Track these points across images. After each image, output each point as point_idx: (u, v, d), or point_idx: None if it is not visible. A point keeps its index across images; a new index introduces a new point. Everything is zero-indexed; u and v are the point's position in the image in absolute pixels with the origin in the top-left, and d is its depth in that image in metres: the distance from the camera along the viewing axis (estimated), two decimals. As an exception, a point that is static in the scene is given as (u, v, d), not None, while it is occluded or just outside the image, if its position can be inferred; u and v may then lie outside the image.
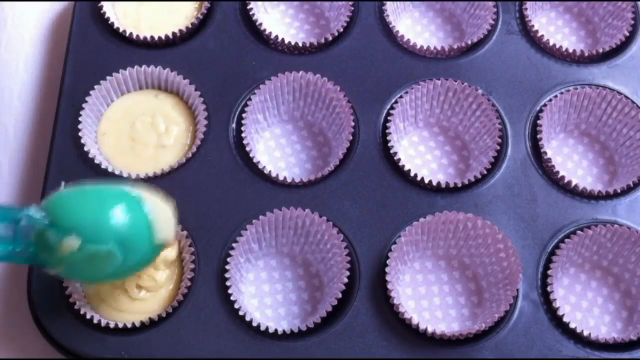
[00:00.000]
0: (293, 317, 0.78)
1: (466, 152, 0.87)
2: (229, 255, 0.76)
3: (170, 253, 0.77)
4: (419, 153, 0.87)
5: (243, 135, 0.82)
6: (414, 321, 0.74)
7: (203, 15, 0.90)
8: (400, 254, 0.78)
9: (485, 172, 0.82)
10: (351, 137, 0.82)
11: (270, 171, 0.81)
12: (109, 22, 0.88)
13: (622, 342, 0.75)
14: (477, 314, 0.79)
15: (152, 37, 0.87)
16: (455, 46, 0.89)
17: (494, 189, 0.82)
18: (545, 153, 0.83)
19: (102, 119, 0.85)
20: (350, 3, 0.91)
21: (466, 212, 0.78)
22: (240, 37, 0.89)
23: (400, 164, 0.82)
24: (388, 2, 0.91)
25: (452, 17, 0.96)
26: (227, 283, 0.75)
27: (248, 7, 0.90)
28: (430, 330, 0.74)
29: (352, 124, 0.83)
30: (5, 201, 0.85)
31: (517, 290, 0.75)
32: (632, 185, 0.82)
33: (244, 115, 0.83)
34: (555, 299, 0.76)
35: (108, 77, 0.84)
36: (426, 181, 0.81)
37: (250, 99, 0.83)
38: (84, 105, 0.83)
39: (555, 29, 0.96)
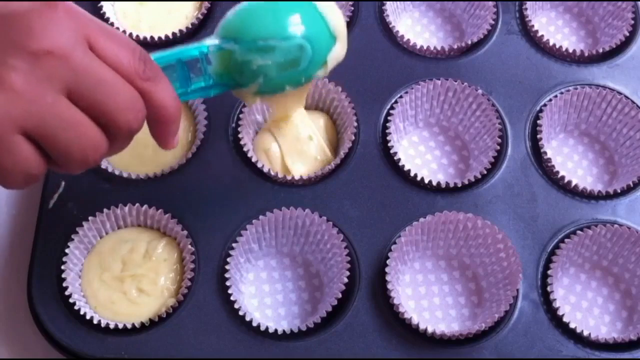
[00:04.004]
0: (293, 317, 0.78)
1: (466, 152, 0.87)
2: (229, 255, 0.76)
3: (172, 255, 0.77)
4: (419, 153, 0.87)
5: (243, 135, 0.82)
6: (414, 321, 0.74)
7: (203, 15, 0.90)
8: (400, 254, 0.78)
9: (485, 172, 0.82)
10: (352, 137, 0.82)
11: (269, 171, 0.81)
12: (109, 22, 0.88)
13: (622, 342, 0.75)
14: (477, 314, 0.78)
15: (152, 37, 0.87)
16: (455, 46, 0.89)
17: (494, 189, 0.82)
18: (545, 153, 0.83)
19: (102, 119, 0.84)
20: (350, 3, 0.91)
21: (466, 212, 0.78)
22: (240, 37, 0.89)
23: (400, 164, 0.82)
24: (388, 2, 0.91)
25: (452, 17, 0.96)
26: (227, 283, 0.75)
27: (248, 7, 0.90)
28: (430, 330, 0.74)
29: (354, 124, 0.83)
30: (4, 199, 0.85)
31: (517, 290, 0.75)
32: (632, 185, 0.82)
33: (243, 115, 0.83)
34: (555, 299, 0.76)
35: (108, 77, 0.84)
36: (426, 181, 0.81)
37: (250, 99, 0.83)
38: (84, 105, 0.82)
39: (555, 29, 0.96)
